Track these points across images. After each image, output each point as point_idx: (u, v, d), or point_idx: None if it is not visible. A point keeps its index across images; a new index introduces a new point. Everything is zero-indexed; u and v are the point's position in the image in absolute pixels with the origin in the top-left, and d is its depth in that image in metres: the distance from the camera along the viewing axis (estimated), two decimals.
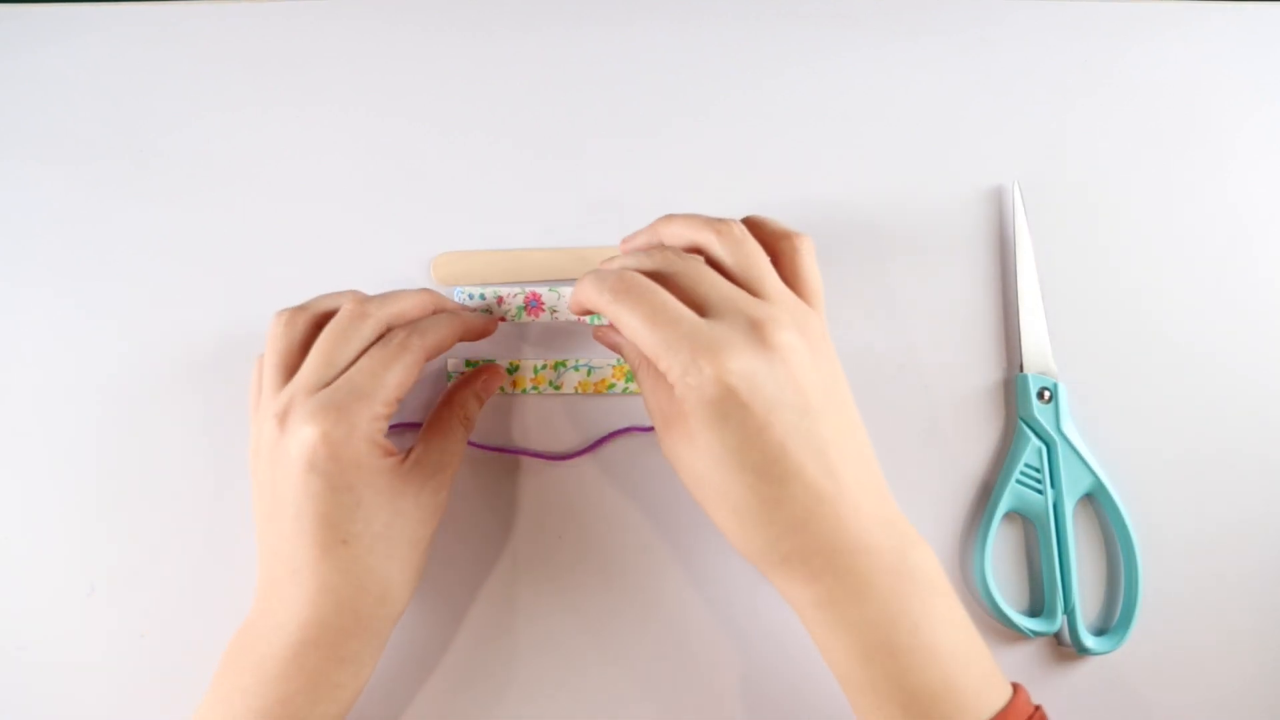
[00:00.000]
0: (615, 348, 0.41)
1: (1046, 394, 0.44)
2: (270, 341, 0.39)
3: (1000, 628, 0.44)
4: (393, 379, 0.37)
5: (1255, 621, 0.44)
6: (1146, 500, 0.44)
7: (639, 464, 0.45)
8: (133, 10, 0.50)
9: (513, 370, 0.45)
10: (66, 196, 0.48)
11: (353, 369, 0.37)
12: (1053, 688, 0.44)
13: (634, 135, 0.49)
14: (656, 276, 0.35)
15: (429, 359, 0.39)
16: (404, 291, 0.41)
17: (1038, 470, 0.44)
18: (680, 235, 0.38)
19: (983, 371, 0.46)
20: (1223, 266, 0.47)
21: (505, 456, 0.45)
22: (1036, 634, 0.43)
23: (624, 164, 0.48)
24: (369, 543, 0.36)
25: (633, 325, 0.34)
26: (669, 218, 0.39)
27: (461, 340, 0.41)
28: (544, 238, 0.47)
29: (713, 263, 0.36)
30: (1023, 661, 0.44)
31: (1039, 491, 0.44)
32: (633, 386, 0.45)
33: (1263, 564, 0.44)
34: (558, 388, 0.45)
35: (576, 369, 0.45)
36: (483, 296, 0.46)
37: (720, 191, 0.48)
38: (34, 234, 0.48)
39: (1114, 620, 0.43)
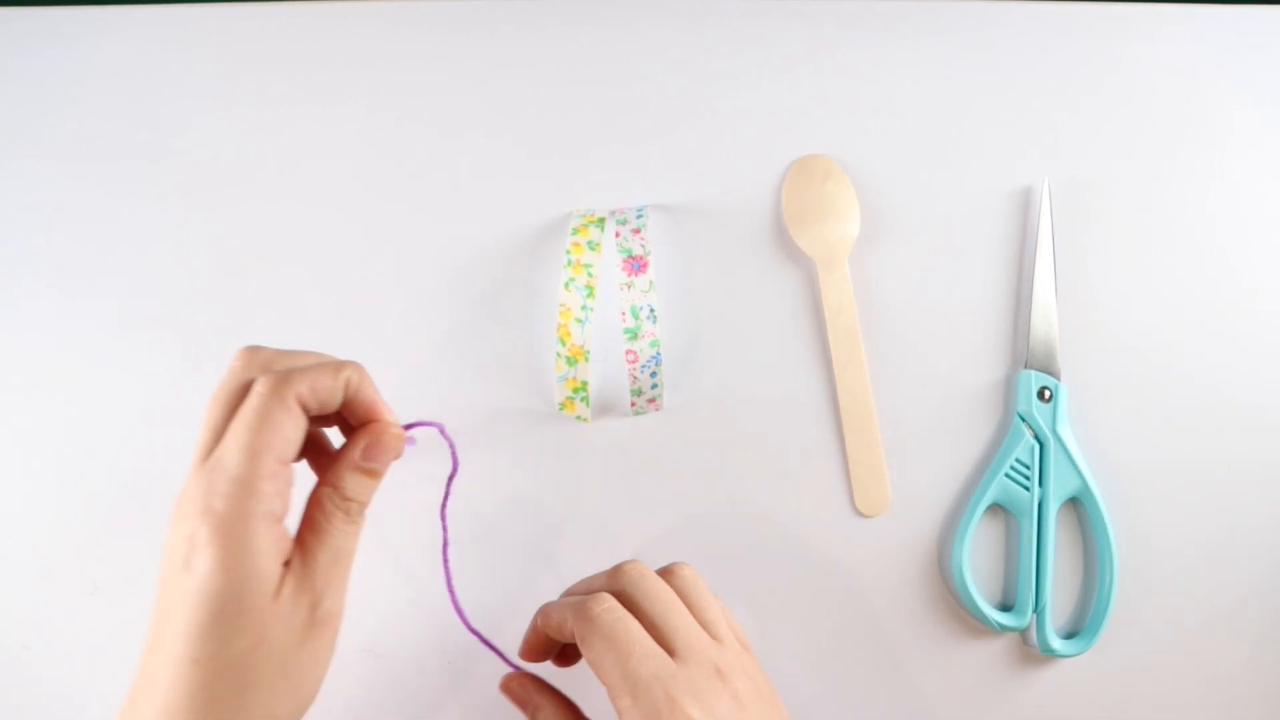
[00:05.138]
0: (524, 704, 0.38)
1: (1047, 393, 0.44)
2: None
3: (969, 619, 0.44)
4: (268, 449, 0.30)
5: (1222, 644, 0.44)
6: (1131, 511, 0.44)
7: None
8: (146, 13, 0.50)
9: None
10: (78, 196, 0.48)
11: (225, 438, 0.30)
12: (1014, 688, 0.44)
13: (636, 136, 0.48)
14: (624, 598, 0.34)
15: (312, 408, 0.32)
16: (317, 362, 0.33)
17: (1028, 467, 0.44)
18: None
19: (989, 366, 0.46)
20: (1236, 278, 0.47)
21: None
22: (1004, 628, 0.43)
23: (625, 165, 0.48)
24: (220, 671, 0.29)
25: (600, 655, 0.33)
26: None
27: (357, 401, 0.33)
28: (544, 237, 0.47)
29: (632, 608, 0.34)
30: (986, 659, 0.44)
31: (1026, 488, 0.44)
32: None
33: (1239, 588, 0.44)
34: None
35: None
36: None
37: (721, 192, 0.48)
38: (44, 233, 0.48)
39: (1083, 626, 0.44)
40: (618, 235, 0.44)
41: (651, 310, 0.43)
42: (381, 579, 0.44)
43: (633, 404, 0.44)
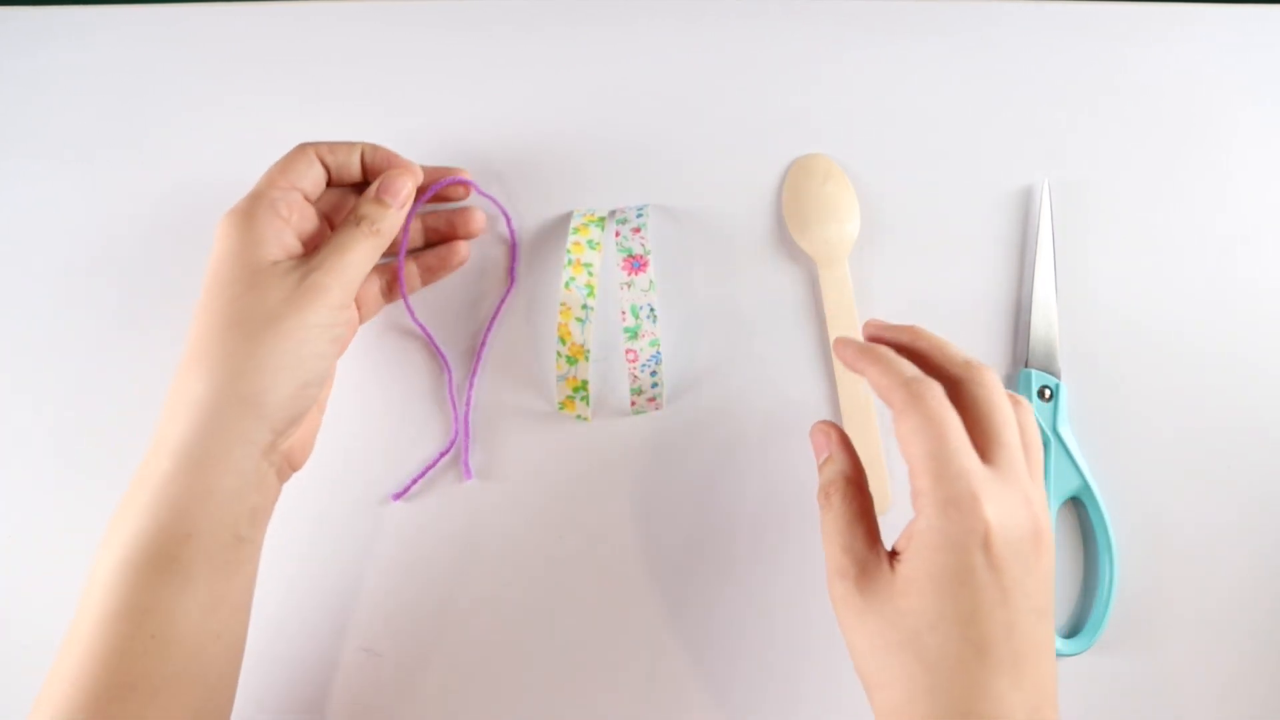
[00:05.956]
0: (820, 450, 0.38)
1: (1047, 392, 0.44)
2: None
3: None
4: (295, 167, 0.40)
5: (1223, 642, 0.44)
6: (1132, 510, 0.44)
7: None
8: (140, 12, 0.50)
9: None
10: (72, 196, 0.48)
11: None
12: None
13: (636, 136, 0.48)
14: (956, 387, 0.34)
15: (330, 162, 0.41)
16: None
17: None
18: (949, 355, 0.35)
19: (990, 365, 0.46)
20: (1236, 278, 0.47)
21: None
22: None
23: (625, 165, 0.48)
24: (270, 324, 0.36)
25: (915, 432, 0.32)
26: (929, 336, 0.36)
27: (373, 169, 0.42)
28: (544, 236, 0.47)
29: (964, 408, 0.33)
30: None
31: None
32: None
33: (1240, 587, 0.44)
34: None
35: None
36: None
37: (721, 191, 0.48)
38: (42, 233, 0.48)
39: (1083, 625, 0.43)
40: (618, 234, 0.44)
41: (651, 309, 0.43)
42: (382, 577, 0.44)
43: (633, 403, 0.44)
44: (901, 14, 0.49)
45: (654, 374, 0.43)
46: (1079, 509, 0.45)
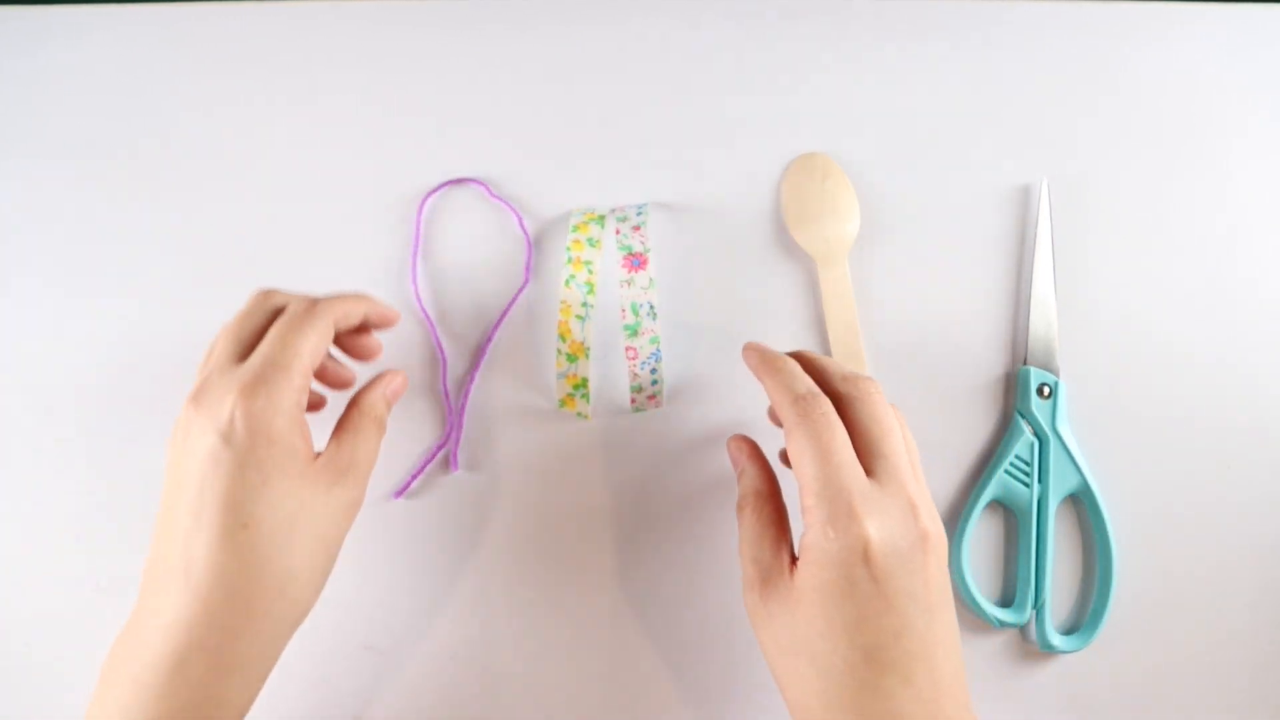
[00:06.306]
0: (736, 464, 0.40)
1: (1046, 390, 0.44)
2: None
3: (968, 615, 0.44)
4: (305, 345, 0.35)
5: (1221, 640, 0.44)
6: (1131, 507, 0.44)
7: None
8: (137, 12, 0.50)
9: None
10: (70, 195, 0.48)
11: (263, 343, 0.35)
12: (1013, 684, 0.44)
13: (635, 134, 0.48)
14: (847, 406, 0.35)
15: (338, 327, 0.37)
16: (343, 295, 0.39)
17: (1027, 464, 0.44)
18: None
19: (989, 363, 0.46)
20: (1235, 276, 0.47)
21: None
22: (1003, 624, 0.43)
23: (625, 163, 0.48)
24: (271, 529, 0.33)
25: (801, 451, 0.33)
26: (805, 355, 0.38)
27: (369, 322, 0.40)
28: (544, 235, 0.47)
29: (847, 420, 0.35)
30: (986, 654, 0.44)
31: (1025, 485, 0.44)
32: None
33: (1239, 585, 0.44)
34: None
35: None
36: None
37: (721, 189, 0.48)
38: (38, 233, 0.48)
39: (1082, 622, 0.44)
40: (618, 232, 0.44)
41: (651, 307, 0.43)
42: (383, 575, 0.44)
43: (633, 401, 0.44)
44: (901, 14, 0.49)
45: (654, 372, 0.44)
46: (1078, 507, 0.45)
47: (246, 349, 0.36)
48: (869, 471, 0.33)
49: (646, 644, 0.44)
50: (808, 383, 0.35)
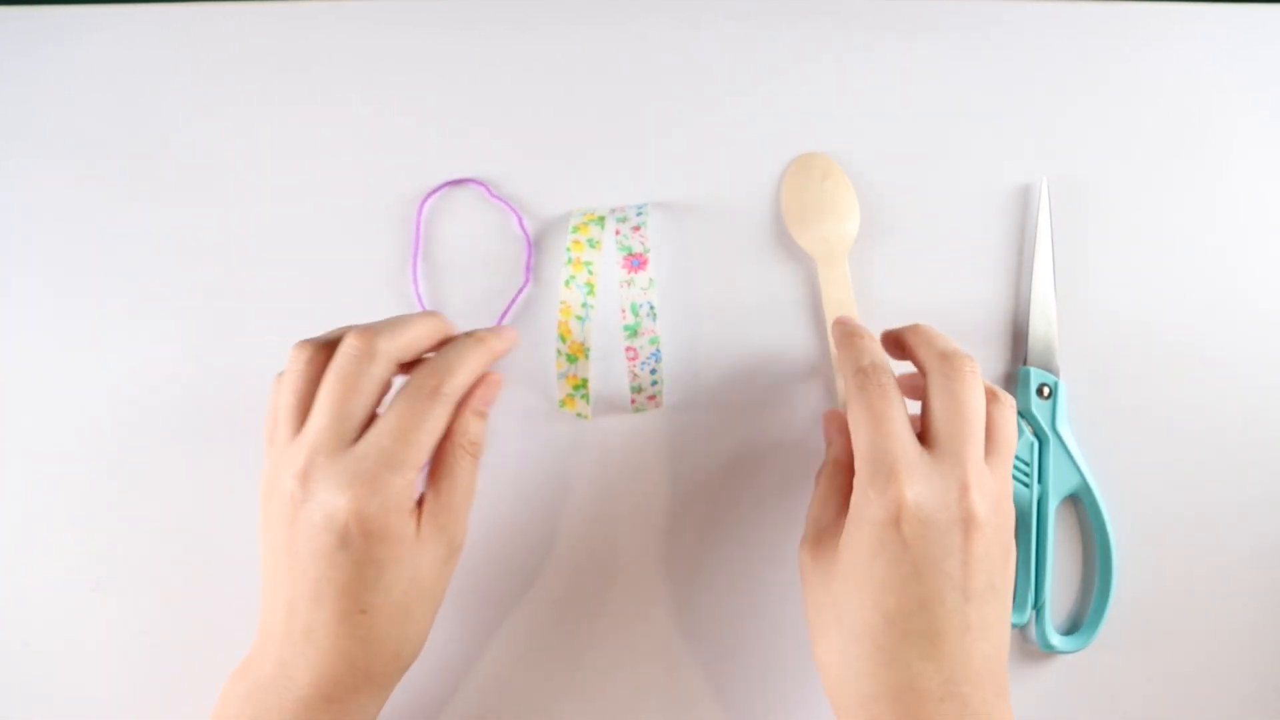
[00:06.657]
0: (826, 435, 0.41)
1: (1046, 390, 0.45)
2: (289, 379, 0.36)
3: None
4: (426, 439, 0.35)
5: (1221, 640, 0.44)
6: (1131, 508, 0.44)
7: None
8: (137, 12, 0.50)
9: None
10: (73, 196, 0.48)
11: (380, 431, 0.34)
12: (1013, 684, 0.43)
13: (635, 134, 0.48)
14: (928, 378, 0.36)
15: (411, 355, 0.37)
16: (409, 318, 0.38)
17: (1027, 464, 0.44)
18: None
19: (989, 363, 0.46)
20: (1235, 276, 0.47)
21: None
22: None
23: (624, 163, 0.48)
24: (387, 613, 0.35)
25: (857, 419, 0.34)
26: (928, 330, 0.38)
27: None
28: (544, 235, 0.47)
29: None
30: None
31: (1025, 485, 0.44)
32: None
33: (1239, 584, 0.44)
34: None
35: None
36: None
37: (720, 189, 0.48)
38: (42, 234, 0.48)
39: (1082, 622, 0.44)
40: (618, 233, 0.44)
41: (651, 307, 0.43)
42: None
43: (633, 401, 0.45)
44: (901, 14, 0.49)
45: (654, 372, 0.44)
46: (1078, 507, 0.45)
47: (342, 419, 0.35)
48: (929, 445, 0.34)
49: (646, 643, 0.44)
50: (874, 356, 0.36)
